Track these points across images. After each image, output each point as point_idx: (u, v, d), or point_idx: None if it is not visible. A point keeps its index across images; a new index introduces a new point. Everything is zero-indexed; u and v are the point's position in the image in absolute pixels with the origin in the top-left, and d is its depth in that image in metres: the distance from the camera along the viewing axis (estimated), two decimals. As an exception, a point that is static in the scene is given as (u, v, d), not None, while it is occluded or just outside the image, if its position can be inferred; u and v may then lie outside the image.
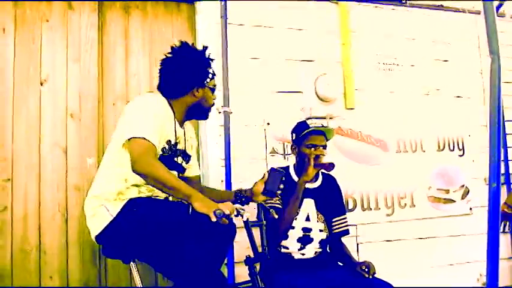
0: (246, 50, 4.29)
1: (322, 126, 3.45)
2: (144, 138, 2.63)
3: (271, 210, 3.12)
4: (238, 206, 2.83)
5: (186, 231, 2.61)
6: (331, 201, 3.48)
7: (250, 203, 3.19)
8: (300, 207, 3.32)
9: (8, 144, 3.69)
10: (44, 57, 3.85)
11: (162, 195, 2.95)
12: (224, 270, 3.54)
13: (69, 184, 3.80)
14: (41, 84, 3.81)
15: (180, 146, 3.03)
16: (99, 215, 2.80)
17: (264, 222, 3.25)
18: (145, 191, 2.87)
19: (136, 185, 2.84)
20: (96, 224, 2.82)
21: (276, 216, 3.15)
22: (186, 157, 3.14)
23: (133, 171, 2.63)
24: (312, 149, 3.35)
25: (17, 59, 3.78)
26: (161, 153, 2.83)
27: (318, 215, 3.37)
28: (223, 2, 4.18)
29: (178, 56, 3.01)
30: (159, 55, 3.96)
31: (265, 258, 2.95)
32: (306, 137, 3.39)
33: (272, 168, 3.04)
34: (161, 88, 3.03)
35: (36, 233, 3.69)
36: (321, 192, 3.45)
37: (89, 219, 2.87)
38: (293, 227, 3.29)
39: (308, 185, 3.38)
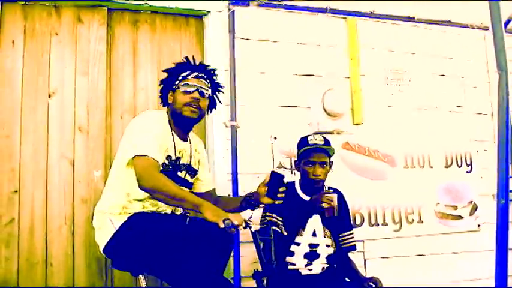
0: (254, 64, 4.30)
1: (325, 141, 3.43)
2: (147, 156, 2.70)
3: (274, 227, 3.12)
4: (247, 215, 2.84)
5: (186, 241, 2.64)
6: (337, 217, 3.46)
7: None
8: (305, 222, 3.32)
9: (16, 156, 3.69)
10: (53, 70, 3.86)
11: (167, 210, 2.98)
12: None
13: (76, 196, 3.79)
14: (49, 96, 3.83)
15: (183, 161, 3.05)
16: (105, 228, 2.89)
17: (272, 236, 3.24)
18: (150, 206, 2.93)
19: (140, 200, 2.90)
20: (102, 237, 2.90)
21: (285, 233, 3.14)
22: (192, 171, 3.15)
23: (140, 187, 2.69)
24: (312, 166, 3.36)
25: (25, 71, 3.79)
26: (161, 168, 2.84)
27: (324, 230, 3.36)
28: (231, 17, 4.20)
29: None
30: (168, 69, 4.00)
31: (272, 272, 2.94)
32: (304, 153, 3.41)
33: (272, 171, 3.03)
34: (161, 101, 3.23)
35: (42, 245, 3.68)
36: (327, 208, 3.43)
37: (96, 232, 2.96)
38: (299, 244, 3.27)
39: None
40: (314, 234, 3.33)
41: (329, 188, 3.58)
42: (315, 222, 3.36)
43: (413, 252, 4.58)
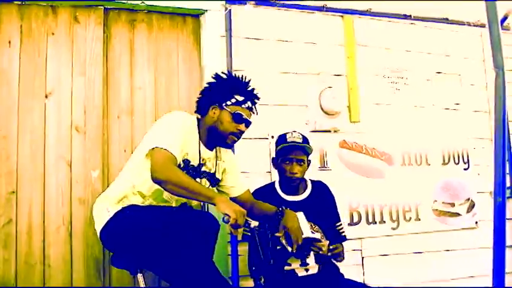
0: (251, 63, 4.29)
1: (303, 139, 3.41)
2: (166, 149, 2.71)
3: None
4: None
5: (172, 231, 2.66)
6: (323, 210, 3.46)
7: None
8: None
9: (13, 157, 3.69)
10: (49, 70, 3.86)
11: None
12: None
13: (73, 197, 3.79)
14: (46, 97, 3.82)
15: (205, 168, 3.07)
16: (101, 216, 2.94)
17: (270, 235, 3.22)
18: (146, 200, 2.94)
19: (142, 195, 2.92)
20: (99, 224, 2.95)
21: (290, 249, 3.07)
22: (214, 180, 3.17)
23: (153, 179, 2.71)
24: (289, 164, 3.36)
25: (22, 71, 3.79)
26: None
27: (312, 226, 3.31)
28: (228, 16, 4.20)
29: (214, 77, 3.14)
30: (164, 68, 4.01)
31: (270, 271, 2.93)
32: (281, 151, 3.40)
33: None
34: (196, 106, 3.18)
35: (40, 246, 3.68)
36: (311, 202, 3.44)
37: (94, 219, 3.02)
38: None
39: (296, 198, 3.41)
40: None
41: (311, 181, 3.57)
42: (299, 219, 3.30)
43: (410, 249, 4.59)
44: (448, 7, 4.98)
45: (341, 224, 3.54)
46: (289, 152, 3.36)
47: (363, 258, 4.40)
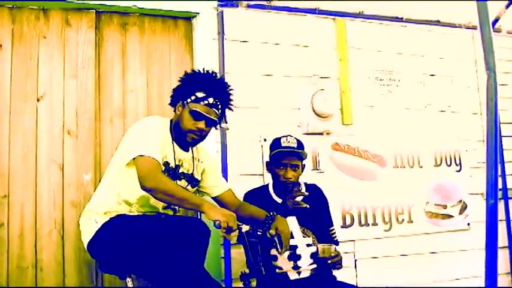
0: (243, 66, 4.29)
1: (298, 144, 3.38)
2: (150, 157, 2.71)
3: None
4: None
5: (162, 239, 2.66)
6: (317, 213, 3.45)
7: None
8: None
9: (5, 161, 3.68)
10: (41, 74, 3.85)
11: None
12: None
13: (65, 201, 3.78)
14: (38, 100, 3.81)
15: (183, 169, 3.06)
16: (88, 226, 2.92)
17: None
18: (136, 212, 2.94)
19: (128, 204, 2.92)
20: (86, 235, 2.93)
21: (279, 250, 3.06)
22: (193, 181, 3.16)
23: (142, 187, 2.71)
24: (283, 169, 3.34)
25: (13, 75, 3.78)
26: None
27: (304, 230, 3.31)
28: (220, 19, 4.20)
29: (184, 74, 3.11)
30: (157, 71, 4.00)
31: (260, 274, 2.93)
32: (277, 156, 3.36)
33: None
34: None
35: (32, 250, 3.67)
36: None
37: (81, 230, 3.00)
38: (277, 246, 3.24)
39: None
40: (292, 237, 3.26)
41: (305, 184, 3.56)
42: (291, 224, 3.23)
43: (403, 251, 4.60)
44: (439, 9, 5.00)
45: (333, 229, 3.53)
46: (284, 158, 3.32)
47: (355, 260, 4.40)
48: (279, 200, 3.43)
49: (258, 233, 3.02)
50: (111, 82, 4.06)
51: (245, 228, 2.94)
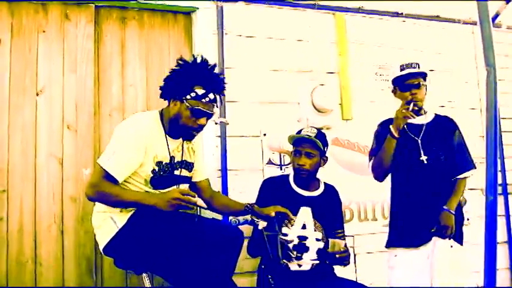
0: (243, 60, 4.29)
1: (317, 134, 3.41)
2: (101, 167, 2.74)
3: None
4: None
5: (194, 242, 2.65)
6: (329, 213, 3.46)
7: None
8: (295, 214, 3.31)
9: (4, 155, 3.67)
10: (40, 68, 3.84)
11: None
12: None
13: (65, 195, 3.78)
14: (37, 94, 3.80)
15: (178, 158, 3.03)
16: (106, 227, 2.86)
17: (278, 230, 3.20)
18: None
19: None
20: (103, 236, 2.87)
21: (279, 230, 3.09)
22: (189, 166, 3.14)
23: (86, 197, 2.77)
24: (297, 156, 3.37)
25: (13, 69, 3.77)
26: (152, 175, 2.86)
27: (315, 223, 3.34)
28: (219, 13, 4.19)
29: (177, 65, 2.99)
30: (156, 65, 3.99)
31: (280, 268, 2.96)
32: (293, 144, 3.42)
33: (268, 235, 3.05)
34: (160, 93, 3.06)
35: (31, 245, 3.66)
36: (321, 202, 3.43)
37: (96, 231, 2.94)
38: (286, 235, 3.26)
39: (307, 193, 3.41)
40: (304, 227, 3.32)
41: (325, 184, 3.57)
42: (305, 214, 3.34)
43: (402, 247, 4.59)
44: (439, 4, 4.99)
45: (343, 231, 3.53)
46: (298, 145, 3.38)
47: (355, 255, 4.41)
48: (298, 190, 3.45)
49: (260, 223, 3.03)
50: (110, 76, 4.05)
51: (262, 224, 2.94)
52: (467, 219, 4.81)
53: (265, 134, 4.19)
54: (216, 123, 4.02)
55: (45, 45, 3.88)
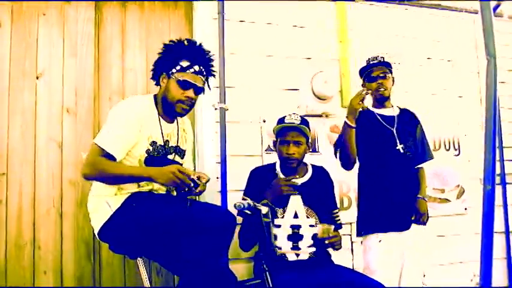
0: (243, 46, 4.28)
1: (302, 121, 3.36)
2: (97, 145, 2.74)
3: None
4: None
5: (187, 226, 2.64)
6: (322, 195, 3.45)
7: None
8: (286, 203, 3.30)
9: (3, 139, 3.68)
10: (40, 51, 3.84)
11: (162, 189, 2.98)
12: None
13: (64, 179, 3.79)
14: (37, 78, 3.80)
15: (172, 143, 3.04)
16: (101, 211, 2.85)
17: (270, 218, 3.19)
18: (144, 184, 2.91)
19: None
20: (98, 220, 2.87)
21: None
22: (181, 152, 3.14)
23: (82, 176, 2.77)
24: (285, 145, 3.34)
25: (13, 52, 3.77)
26: (146, 155, 2.86)
27: (307, 210, 3.33)
28: (220, -1, 4.18)
29: (164, 45, 3.07)
30: (156, 50, 3.96)
31: (274, 255, 2.97)
32: (279, 133, 3.38)
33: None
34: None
35: (30, 228, 3.68)
36: (310, 187, 3.40)
37: (91, 215, 2.93)
38: (280, 226, 3.26)
39: (294, 180, 3.37)
40: (296, 216, 3.29)
41: (312, 166, 3.56)
42: (295, 203, 3.31)
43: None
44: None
45: (337, 212, 3.53)
46: (286, 134, 3.33)
47: (352, 242, 4.41)
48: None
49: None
50: (111, 60, 4.05)
51: (264, 209, 2.94)
52: (465, 209, 4.85)
53: (264, 121, 4.19)
54: (215, 109, 4.02)
55: (45, 29, 3.87)
